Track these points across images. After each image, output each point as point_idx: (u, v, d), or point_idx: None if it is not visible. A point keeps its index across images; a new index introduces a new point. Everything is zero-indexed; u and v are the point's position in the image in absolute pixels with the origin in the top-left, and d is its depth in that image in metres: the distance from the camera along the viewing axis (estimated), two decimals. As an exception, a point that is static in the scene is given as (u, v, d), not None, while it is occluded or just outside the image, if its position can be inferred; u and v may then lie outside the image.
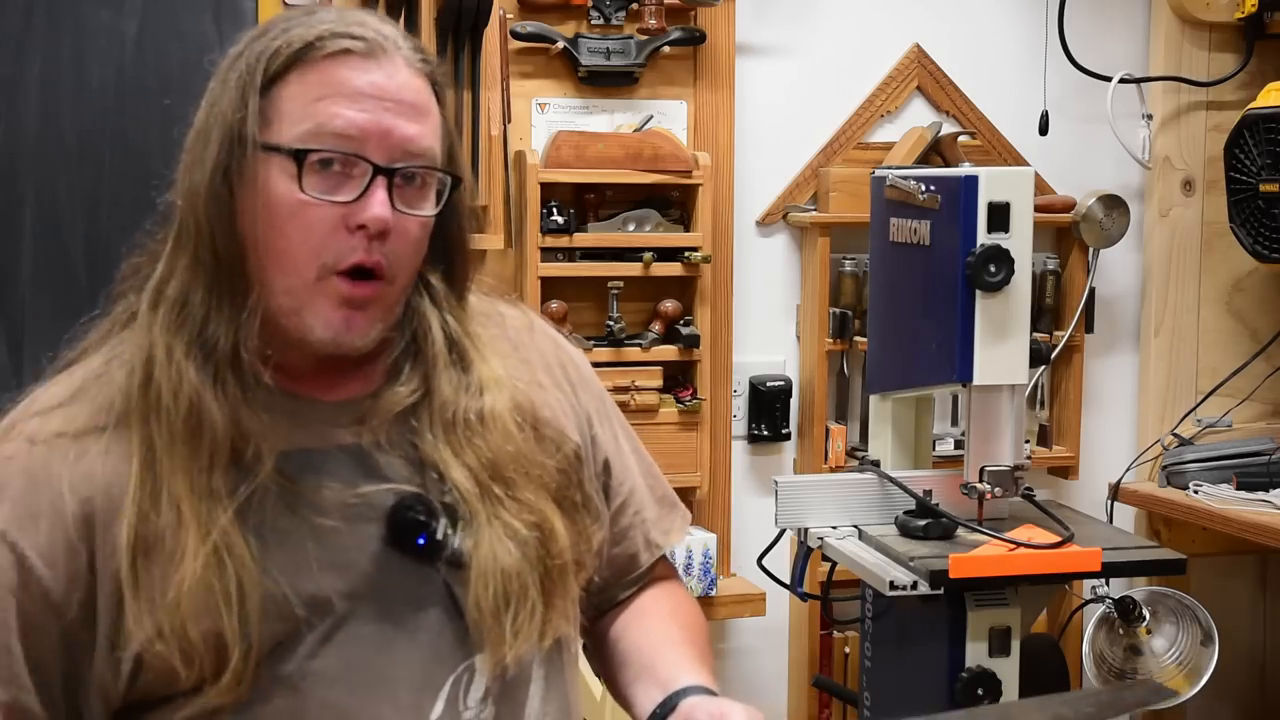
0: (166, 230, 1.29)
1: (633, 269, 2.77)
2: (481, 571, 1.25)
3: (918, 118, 3.02)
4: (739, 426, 2.98)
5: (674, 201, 2.84)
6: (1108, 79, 3.03)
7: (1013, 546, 2.12)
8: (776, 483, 2.34)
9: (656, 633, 1.46)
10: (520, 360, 1.41)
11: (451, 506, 1.27)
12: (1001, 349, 2.17)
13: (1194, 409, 3.12)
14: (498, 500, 1.28)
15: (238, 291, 1.24)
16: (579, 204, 2.79)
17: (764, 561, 2.45)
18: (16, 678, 1.19)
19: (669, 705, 1.33)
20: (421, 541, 1.26)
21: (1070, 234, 3.05)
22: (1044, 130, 3.01)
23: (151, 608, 1.19)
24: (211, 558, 1.19)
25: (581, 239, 2.75)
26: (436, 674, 1.26)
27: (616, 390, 2.69)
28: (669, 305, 2.82)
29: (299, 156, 1.22)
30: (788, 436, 3.00)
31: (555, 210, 2.72)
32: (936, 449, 2.73)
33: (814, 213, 2.94)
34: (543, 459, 1.34)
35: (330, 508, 1.24)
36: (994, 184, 2.16)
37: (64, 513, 1.20)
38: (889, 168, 2.50)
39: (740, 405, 2.98)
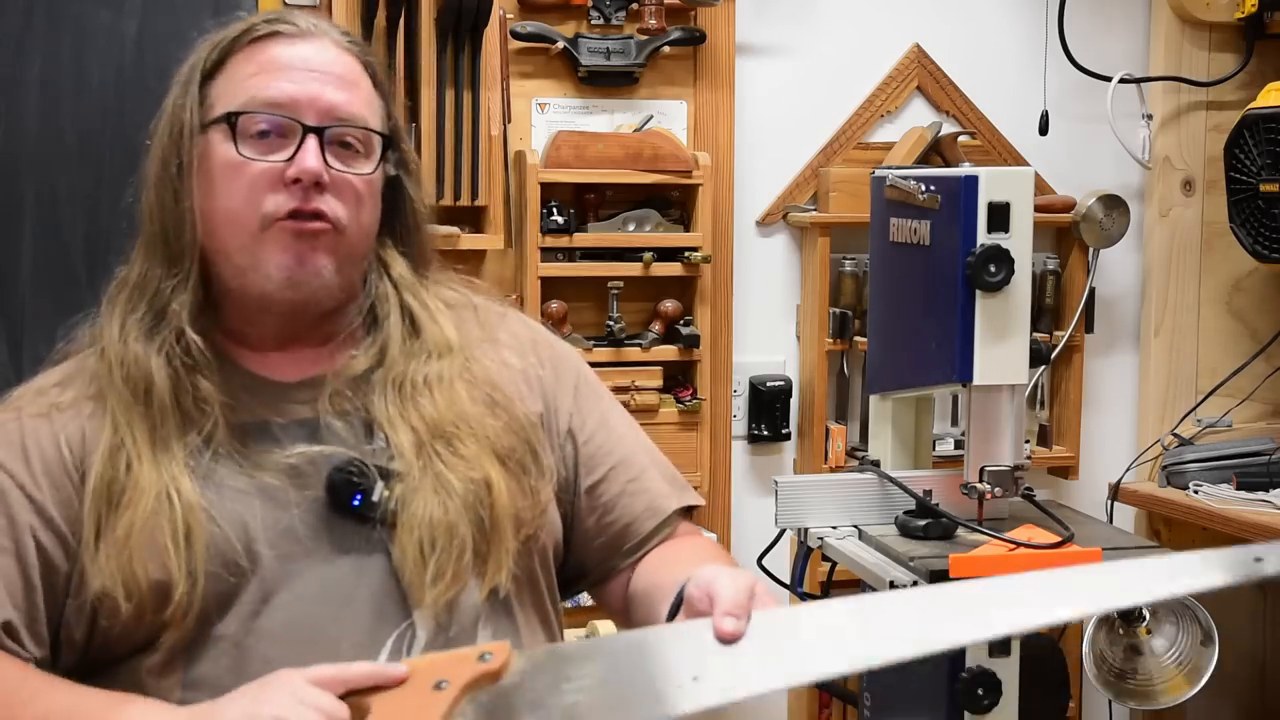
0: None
1: (633, 269, 2.77)
2: (409, 521, 1.31)
3: (918, 118, 3.02)
4: (739, 426, 2.98)
5: (674, 201, 2.84)
6: (1108, 79, 3.03)
7: (1013, 546, 2.12)
8: (776, 483, 2.34)
9: (677, 563, 1.45)
10: (488, 340, 1.47)
11: (387, 470, 1.33)
12: (1001, 349, 2.17)
13: (1194, 409, 3.12)
14: (436, 455, 1.35)
15: (178, 267, 1.35)
16: (579, 204, 2.79)
17: (764, 561, 2.45)
18: (14, 599, 1.29)
19: (677, 602, 1.30)
20: (357, 502, 1.32)
21: (1070, 234, 3.05)
22: (1044, 130, 3.01)
23: (107, 551, 1.27)
24: (162, 499, 1.27)
25: (581, 239, 2.75)
26: (378, 631, 1.30)
27: (617, 390, 2.68)
28: (669, 305, 2.82)
29: (231, 120, 1.33)
30: (788, 436, 3.00)
31: (555, 210, 2.72)
32: (936, 449, 2.73)
33: (814, 213, 2.94)
34: (489, 420, 1.39)
35: (275, 469, 1.32)
36: (994, 184, 2.16)
37: (63, 462, 1.32)
38: (889, 168, 2.50)
39: (740, 405, 2.98)
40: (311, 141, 1.33)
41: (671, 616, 1.27)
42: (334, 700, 1.14)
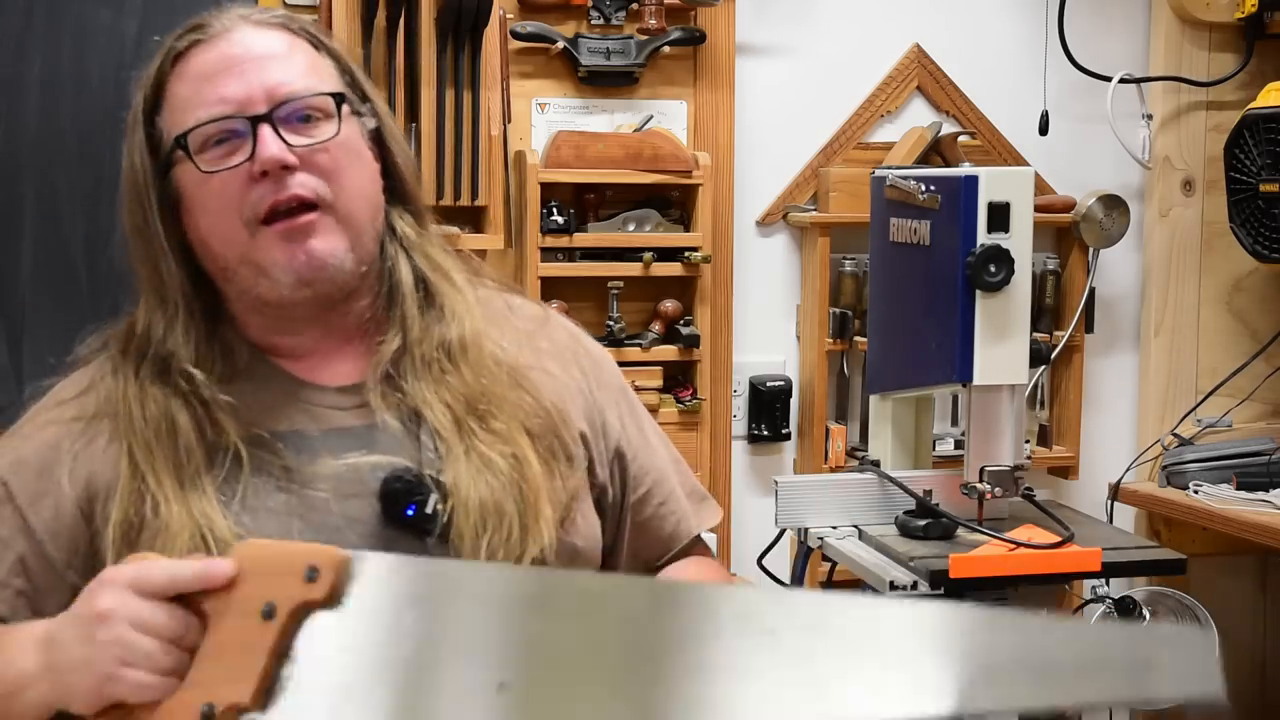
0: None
1: (633, 269, 2.77)
2: (462, 504, 1.28)
3: (918, 118, 3.02)
4: (739, 426, 2.98)
5: (674, 201, 2.84)
6: (1108, 79, 3.02)
7: (1013, 546, 2.12)
8: (776, 483, 2.34)
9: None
10: (530, 348, 1.43)
11: (441, 481, 1.29)
12: (1001, 349, 2.17)
13: (1194, 409, 3.12)
14: (472, 432, 1.31)
15: (173, 303, 1.31)
16: (579, 204, 2.79)
17: (764, 561, 2.45)
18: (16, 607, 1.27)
19: None
20: (410, 512, 1.28)
21: (1070, 234, 3.05)
22: (1044, 130, 3.01)
23: None
24: (196, 540, 1.23)
25: (581, 239, 2.75)
26: None
27: (616, 390, 2.69)
28: (669, 305, 2.82)
29: (182, 143, 1.29)
30: (788, 436, 3.00)
31: (555, 210, 2.72)
32: (936, 449, 2.73)
33: (814, 213, 2.94)
34: (514, 396, 1.36)
35: (320, 483, 1.27)
36: (994, 184, 2.16)
37: (66, 492, 1.28)
38: (889, 168, 2.50)
39: (740, 405, 2.98)
40: (264, 130, 1.28)
41: None
42: (165, 615, 1.10)
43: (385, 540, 1.27)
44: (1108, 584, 2.69)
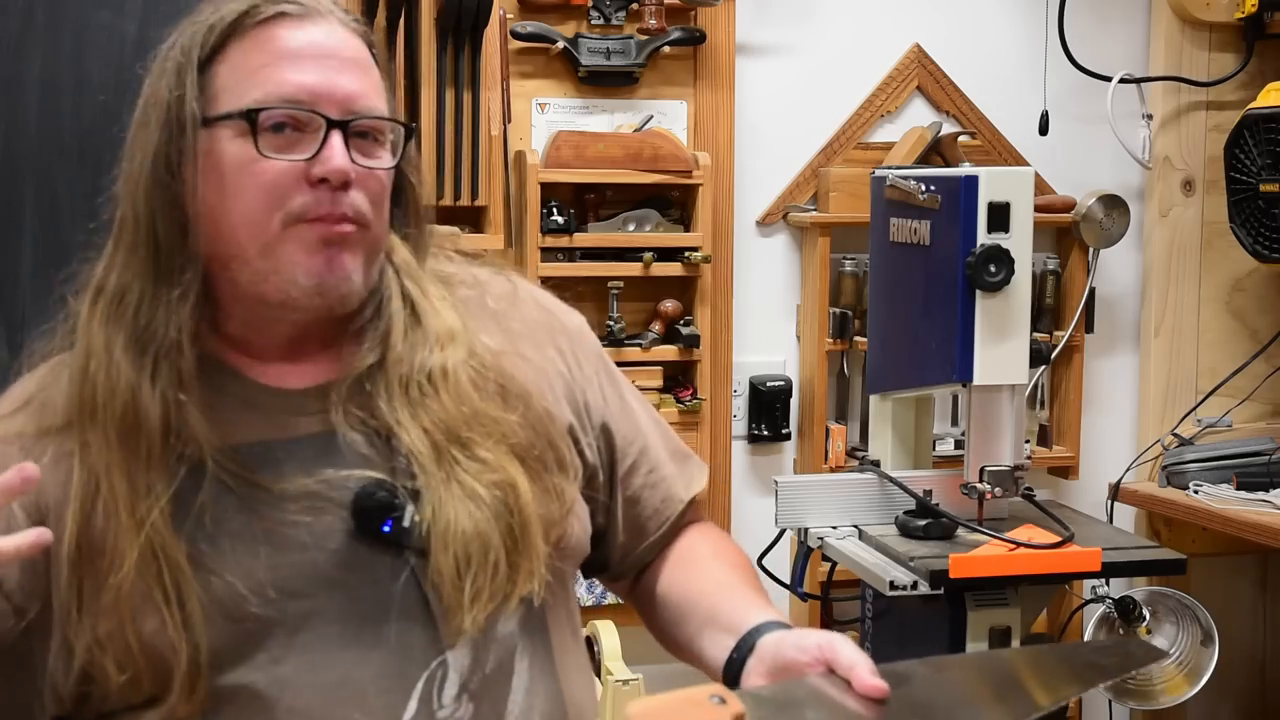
0: (109, 228, 1.29)
1: (633, 269, 2.77)
2: (440, 536, 1.21)
3: (918, 118, 3.02)
4: (739, 426, 2.98)
5: (674, 201, 2.84)
6: (1108, 79, 3.02)
7: (1013, 546, 2.12)
8: (776, 483, 2.34)
9: (707, 579, 1.42)
10: (500, 330, 1.37)
11: (418, 492, 1.23)
12: (1001, 349, 2.17)
13: (1194, 409, 3.12)
14: (454, 461, 1.24)
15: (178, 279, 1.22)
16: (579, 204, 2.79)
17: (764, 561, 2.45)
18: None
19: (745, 647, 1.27)
20: (387, 528, 1.22)
21: (1070, 234, 3.05)
22: (1044, 130, 3.01)
23: (92, 614, 1.17)
24: (146, 558, 1.16)
25: (581, 239, 2.75)
26: (408, 672, 1.21)
27: (616, 390, 2.69)
28: (669, 305, 2.82)
29: (251, 117, 1.21)
30: (788, 436, 3.00)
31: (555, 210, 2.72)
32: (936, 449, 2.73)
33: (814, 213, 2.94)
34: (504, 415, 1.28)
35: (289, 501, 1.21)
36: (994, 184, 2.17)
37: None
38: (889, 168, 2.50)
39: (740, 405, 2.98)
40: (335, 137, 1.21)
41: (736, 670, 1.26)
42: None
43: (362, 555, 1.22)
44: (1108, 584, 2.69)
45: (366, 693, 1.20)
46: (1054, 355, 3.02)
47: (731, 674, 1.26)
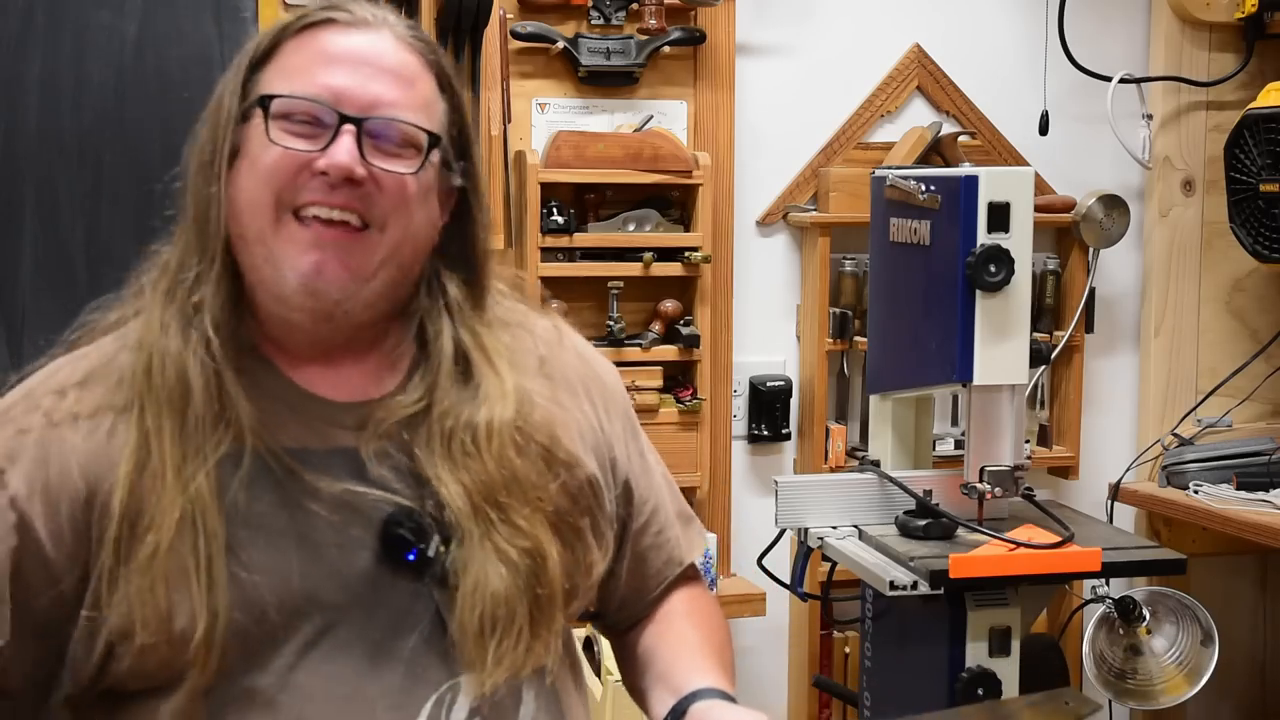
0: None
1: (633, 269, 2.77)
2: (469, 593, 1.22)
3: (918, 118, 3.02)
4: (739, 426, 2.98)
5: (674, 201, 2.84)
6: (1108, 79, 3.03)
7: (1013, 546, 2.12)
8: (776, 483, 2.34)
9: (673, 635, 1.45)
10: (543, 376, 1.37)
11: (444, 524, 1.24)
12: (1001, 349, 2.17)
13: (1194, 409, 3.12)
14: (490, 523, 1.25)
15: (210, 255, 1.25)
16: (579, 204, 2.79)
17: (764, 561, 2.45)
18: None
19: (679, 710, 1.31)
20: (412, 557, 1.23)
21: (1070, 234, 3.05)
22: (1044, 130, 3.01)
23: (127, 574, 1.18)
24: (185, 523, 1.18)
25: (581, 239, 2.75)
26: (417, 692, 1.23)
27: (616, 390, 2.69)
28: (669, 305, 2.82)
29: (265, 103, 1.24)
30: (788, 436, 3.00)
31: (555, 210, 2.72)
32: (936, 449, 2.73)
33: (814, 213, 2.94)
34: (544, 482, 1.30)
35: (323, 504, 1.22)
36: (994, 184, 2.16)
37: (72, 492, 1.20)
38: (889, 168, 2.50)
39: (740, 405, 2.98)
40: (347, 133, 1.22)
41: None
42: None
43: (384, 576, 1.24)
44: (1108, 584, 2.69)
45: (375, 708, 1.22)
46: (1054, 355, 3.02)
47: None
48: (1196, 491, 2.93)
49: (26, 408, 1.26)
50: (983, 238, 2.15)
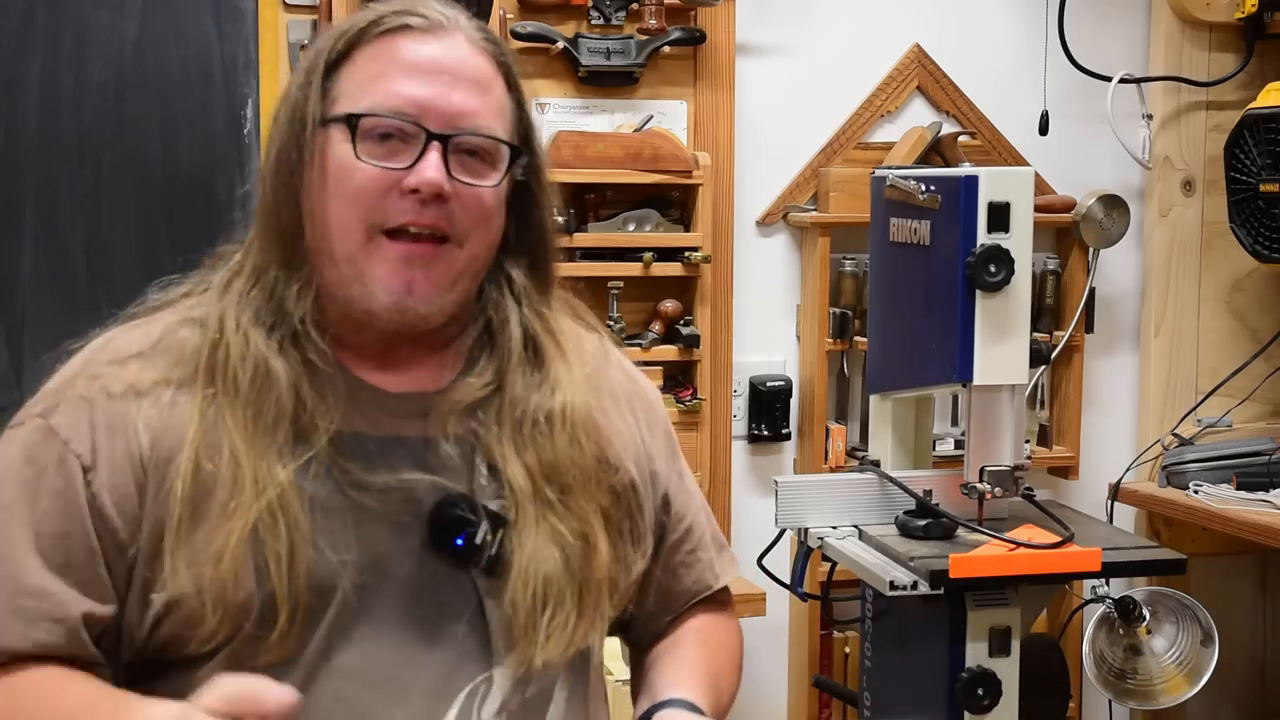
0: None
1: (633, 269, 2.77)
2: (523, 570, 1.25)
3: (918, 118, 3.02)
4: (739, 426, 2.98)
5: (674, 201, 2.84)
6: (1108, 79, 3.03)
7: (1013, 546, 2.11)
8: (776, 483, 2.34)
9: (674, 652, 1.46)
10: (591, 388, 1.39)
11: (497, 514, 1.26)
12: (1001, 349, 2.17)
13: (1194, 409, 3.12)
14: (549, 504, 1.28)
15: (300, 268, 1.27)
16: (579, 204, 2.79)
17: (764, 561, 2.45)
18: (105, 597, 1.22)
19: (646, 716, 1.33)
20: (460, 542, 1.25)
21: (1070, 234, 3.05)
22: (1044, 130, 3.02)
23: (193, 556, 1.19)
24: (266, 514, 1.19)
25: (582, 239, 2.75)
26: (453, 682, 1.24)
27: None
28: (669, 305, 2.82)
29: (352, 122, 1.25)
30: (788, 436, 3.00)
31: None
32: (936, 449, 2.73)
33: (814, 213, 2.94)
34: (599, 475, 1.33)
35: (374, 493, 1.24)
36: (994, 184, 2.16)
37: (134, 458, 1.22)
38: (889, 168, 2.49)
39: (740, 405, 2.98)
40: (434, 150, 1.24)
41: None
42: None
43: (430, 562, 1.25)
44: (1108, 584, 2.69)
45: (411, 693, 1.23)
46: (1054, 355, 3.02)
47: None
48: (1196, 491, 2.93)
49: (87, 378, 1.27)
50: (983, 238, 2.15)
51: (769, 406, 2.97)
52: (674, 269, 2.80)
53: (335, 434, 1.24)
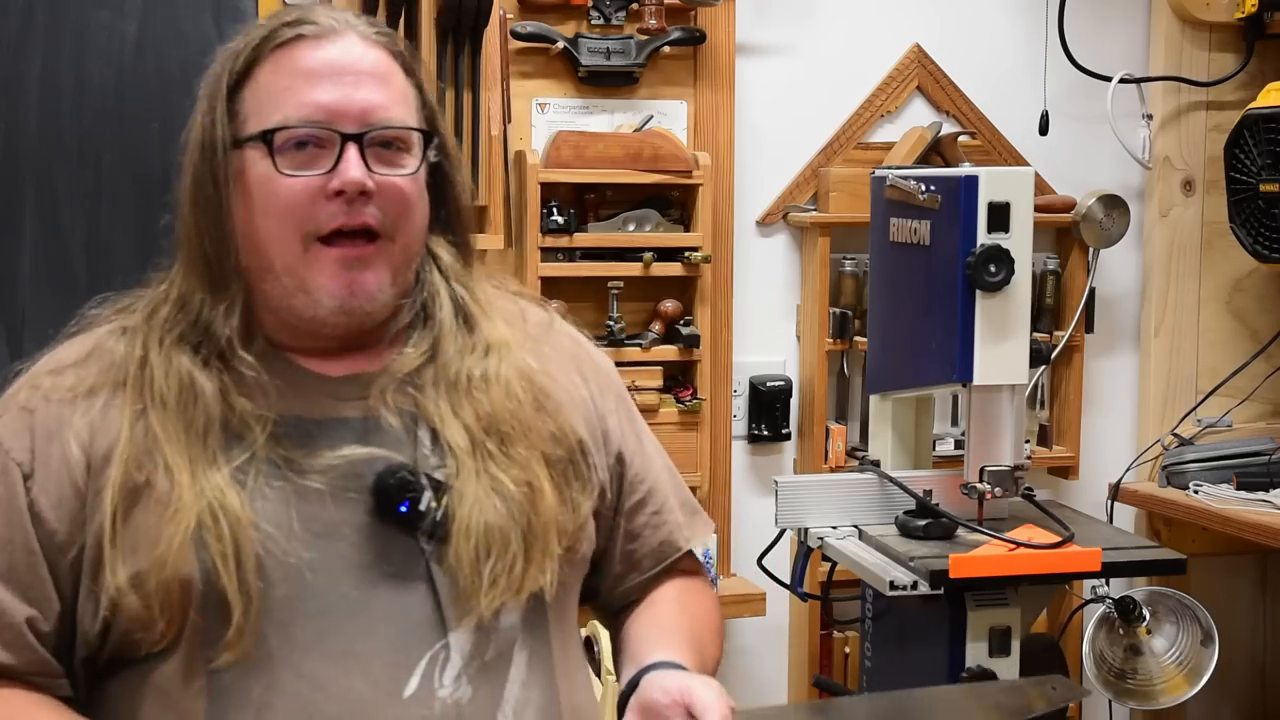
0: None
1: (633, 269, 2.77)
2: (464, 524, 1.27)
3: (918, 118, 3.02)
4: (739, 426, 2.98)
5: (674, 201, 2.84)
6: (1108, 79, 3.03)
7: (1013, 546, 2.12)
8: (776, 483, 2.34)
9: (651, 617, 1.47)
10: (535, 352, 1.42)
11: (439, 481, 1.29)
12: (1001, 349, 2.17)
13: (1194, 409, 3.12)
14: (489, 455, 1.31)
15: (227, 291, 1.30)
16: (579, 204, 2.79)
17: (764, 561, 2.45)
18: (47, 599, 1.25)
19: (634, 682, 1.33)
20: (404, 509, 1.28)
21: (1070, 234, 3.05)
22: (1044, 130, 3.02)
23: (132, 558, 1.22)
24: (206, 516, 1.22)
25: (581, 239, 2.75)
26: (413, 649, 1.26)
27: (616, 390, 2.69)
28: (669, 305, 2.82)
29: (267, 138, 1.27)
30: (788, 436, 3.00)
31: (555, 210, 2.72)
32: (936, 449, 2.73)
33: (814, 213, 2.94)
34: (539, 423, 1.36)
35: (316, 474, 1.27)
36: (994, 184, 2.17)
37: (70, 463, 1.26)
38: (889, 168, 2.50)
39: (740, 405, 2.98)
40: (352, 150, 1.27)
41: (621, 707, 1.31)
42: None
43: (378, 532, 1.28)
44: (1108, 584, 2.69)
45: (371, 664, 1.25)
46: (1054, 355, 3.02)
47: (621, 706, 1.33)
48: (1196, 491, 2.93)
49: (29, 388, 1.32)
50: (983, 238, 2.15)
51: (769, 406, 2.97)
52: (674, 269, 2.80)
53: (275, 424, 1.28)
